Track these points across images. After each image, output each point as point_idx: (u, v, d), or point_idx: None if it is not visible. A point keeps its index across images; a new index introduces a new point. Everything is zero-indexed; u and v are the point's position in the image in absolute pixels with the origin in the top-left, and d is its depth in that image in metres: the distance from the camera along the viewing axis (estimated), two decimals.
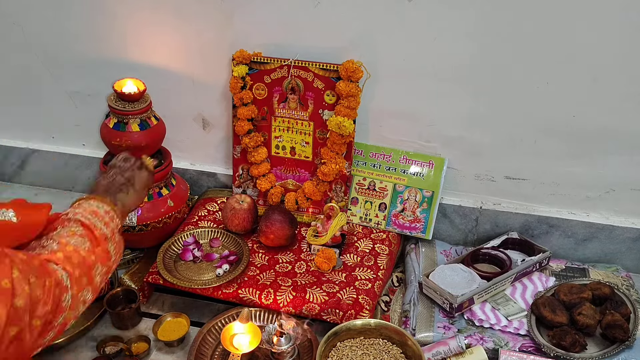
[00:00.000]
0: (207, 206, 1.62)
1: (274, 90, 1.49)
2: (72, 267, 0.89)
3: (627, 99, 1.34)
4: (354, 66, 1.37)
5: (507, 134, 1.45)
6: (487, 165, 1.51)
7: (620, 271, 1.45)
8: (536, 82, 1.36)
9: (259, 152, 1.54)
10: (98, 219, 0.99)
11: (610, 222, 1.49)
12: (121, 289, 1.38)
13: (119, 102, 1.41)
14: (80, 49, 1.61)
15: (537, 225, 1.52)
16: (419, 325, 1.30)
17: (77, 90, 1.69)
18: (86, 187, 1.83)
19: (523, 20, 1.29)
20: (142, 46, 1.56)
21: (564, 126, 1.40)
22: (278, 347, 1.19)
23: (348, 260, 1.46)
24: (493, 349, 1.25)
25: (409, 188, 1.54)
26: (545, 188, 1.50)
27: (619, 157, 1.41)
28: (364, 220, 1.57)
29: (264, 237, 1.46)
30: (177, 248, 1.47)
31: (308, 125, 1.51)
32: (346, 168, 1.51)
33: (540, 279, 1.42)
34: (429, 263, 1.47)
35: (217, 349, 1.28)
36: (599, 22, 1.26)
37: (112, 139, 1.41)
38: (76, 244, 0.93)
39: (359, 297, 1.32)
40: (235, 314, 1.32)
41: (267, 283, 1.37)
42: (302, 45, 1.44)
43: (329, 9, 1.38)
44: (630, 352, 1.22)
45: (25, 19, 1.59)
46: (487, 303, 1.35)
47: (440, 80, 1.41)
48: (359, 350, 1.22)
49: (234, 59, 1.46)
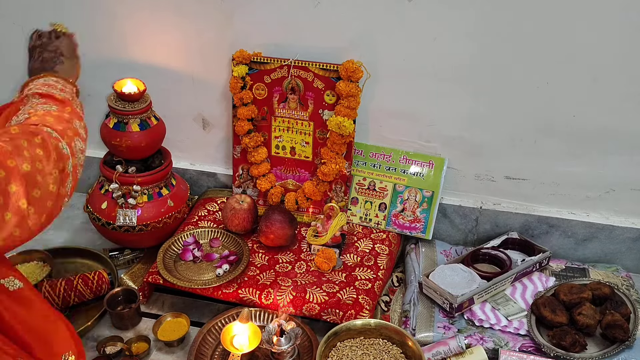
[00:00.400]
0: (207, 206, 1.62)
1: (274, 90, 1.49)
2: (52, 124, 0.92)
3: (627, 99, 1.34)
4: (354, 66, 1.37)
5: (507, 134, 1.45)
6: (487, 165, 1.51)
7: (620, 271, 1.45)
8: (536, 82, 1.36)
9: (259, 152, 1.54)
10: (52, 88, 1.00)
11: (610, 222, 1.49)
12: (121, 289, 1.38)
13: (119, 102, 1.41)
14: (80, 49, 1.60)
15: (537, 225, 1.52)
16: (419, 325, 1.30)
17: None
18: (86, 187, 1.82)
19: (523, 21, 1.29)
20: (142, 46, 1.56)
21: (564, 126, 1.40)
22: (278, 347, 1.19)
23: (348, 260, 1.46)
24: (493, 349, 1.25)
25: (409, 188, 1.54)
26: (545, 188, 1.50)
27: (619, 157, 1.41)
28: (364, 220, 1.57)
29: (264, 237, 1.46)
30: (177, 248, 1.47)
31: (308, 125, 1.51)
32: (346, 168, 1.51)
33: (540, 279, 1.42)
34: (429, 263, 1.47)
35: (217, 349, 1.28)
36: (599, 22, 1.26)
37: (112, 139, 1.41)
38: (45, 109, 0.95)
39: (359, 297, 1.32)
40: (235, 314, 1.32)
41: (267, 283, 1.37)
42: (302, 45, 1.44)
43: (329, 9, 1.38)
44: (630, 352, 1.22)
45: (25, 19, 1.59)
46: (487, 303, 1.35)
47: (440, 80, 1.41)
48: (359, 350, 1.22)
49: (234, 59, 1.46)
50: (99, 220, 1.45)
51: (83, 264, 1.52)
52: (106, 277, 1.40)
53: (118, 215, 1.42)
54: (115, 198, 1.42)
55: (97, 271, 1.41)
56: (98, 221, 1.45)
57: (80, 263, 1.52)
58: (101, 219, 1.44)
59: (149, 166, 1.48)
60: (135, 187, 1.42)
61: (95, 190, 1.49)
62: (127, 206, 1.42)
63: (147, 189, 1.45)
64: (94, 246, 1.59)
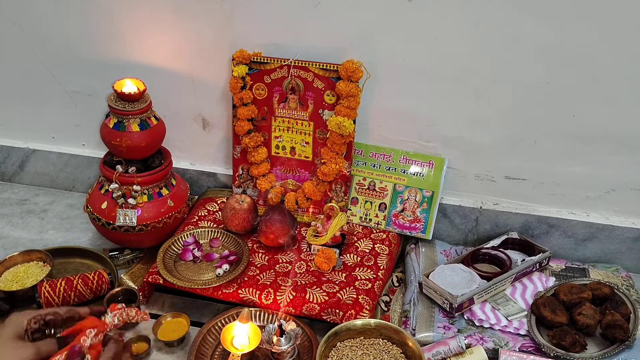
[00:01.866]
0: (207, 206, 1.62)
1: (274, 90, 1.49)
2: None
3: (627, 99, 1.34)
4: (354, 66, 1.37)
5: (507, 134, 1.45)
6: (487, 165, 1.51)
7: (620, 271, 1.45)
8: (536, 82, 1.36)
9: (259, 152, 1.54)
10: None
11: (610, 222, 1.49)
12: (121, 289, 1.38)
13: (118, 102, 1.40)
14: (80, 48, 1.61)
15: (537, 225, 1.52)
16: (419, 325, 1.30)
17: (77, 90, 1.69)
18: (86, 187, 1.83)
19: (523, 20, 1.29)
20: (142, 46, 1.56)
21: (564, 126, 1.40)
22: (278, 347, 1.19)
23: (348, 260, 1.46)
24: (493, 349, 1.25)
25: (409, 188, 1.54)
26: (545, 188, 1.50)
27: (619, 157, 1.41)
28: (364, 220, 1.57)
29: (264, 237, 1.46)
30: (177, 248, 1.47)
31: (308, 125, 1.51)
32: (346, 168, 1.51)
33: (540, 279, 1.42)
34: (429, 263, 1.47)
35: (217, 349, 1.28)
36: (599, 22, 1.26)
37: (112, 139, 1.41)
38: None
39: (359, 297, 1.33)
40: (235, 314, 1.32)
41: (267, 283, 1.37)
42: (302, 45, 1.44)
43: (329, 9, 1.38)
44: (630, 352, 1.22)
45: (25, 19, 1.59)
46: (487, 303, 1.35)
47: (440, 80, 1.41)
48: (359, 350, 1.22)
49: (234, 59, 1.46)
50: (99, 220, 1.45)
51: (83, 264, 1.52)
52: (106, 277, 1.40)
53: (118, 215, 1.42)
54: (115, 198, 1.42)
55: (97, 271, 1.41)
56: (98, 221, 1.45)
57: (80, 263, 1.52)
58: (101, 219, 1.44)
59: (149, 166, 1.47)
60: (135, 187, 1.42)
61: (95, 190, 1.49)
62: (127, 206, 1.42)
63: (147, 189, 1.45)
64: (94, 246, 1.59)
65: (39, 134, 1.80)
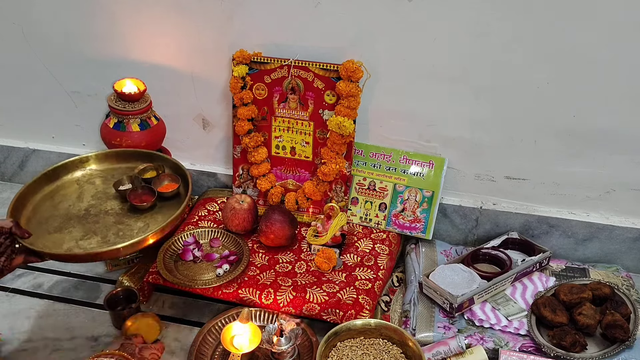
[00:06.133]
0: (207, 206, 1.62)
1: (274, 90, 1.49)
2: None
3: (627, 99, 1.34)
4: (354, 66, 1.37)
5: (507, 134, 1.45)
6: (487, 165, 1.51)
7: (621, 271, 1.45)
8: (536, 82, 1.36)
9: (259, 152, 1.54)
10: None
11: (610, 222, 1.49)
12: (121, 289, 1.38)
13: (119, 102, 1.41)
14: (80, 49, 1.61)
15: (537, 225, 1.52)
16: (419, 325, 1.30)
17: (77, 90, 1.69)
18: None
19: (523, 20, 1.29)
20: (142, 46, 1.56)
21: (564, 126, 1.40)
22: (278, 347, 1.19)
23: (348, 260, 1.46)
24: (493, 349, 1.25)
25: (409, 188, 1.54)
26: (545, 188, 1.50)
27: (619, 157, 1.41)
28: (364, 220, 1.57)
29: (264, 237, 1.46)
30: (177, 248, 1.47)
31: (308, 125, 1.51)
32: (346, 168, 1.51)
33: (540, 279, 1.42)
34: (429, 263, 1.47)
35: (217, 349, 1.28)
36: (599, 22, 1.26)
37: (112, 139, 1.41)
38: None
39: (359, 297, 1.32)
40: (235, 314, 1.32)
41: (267, 283, 1.37)
42: (302, 45, 1.44)
43: (329, 9, 1.38)
44: (631, 352, 1.22)
45: (25, 19, 1.59)
46: (487, 303, 1.35)
47: (440, 80, 1.41)
48: (359, 350, 1.22)
49: (234, 59, 1.46)
50: None
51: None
52: None
53: None
54: None
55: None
56: None
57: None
58: None
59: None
60: None
61: None
62: None
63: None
64: None
65: (39, 134, 1.80)
